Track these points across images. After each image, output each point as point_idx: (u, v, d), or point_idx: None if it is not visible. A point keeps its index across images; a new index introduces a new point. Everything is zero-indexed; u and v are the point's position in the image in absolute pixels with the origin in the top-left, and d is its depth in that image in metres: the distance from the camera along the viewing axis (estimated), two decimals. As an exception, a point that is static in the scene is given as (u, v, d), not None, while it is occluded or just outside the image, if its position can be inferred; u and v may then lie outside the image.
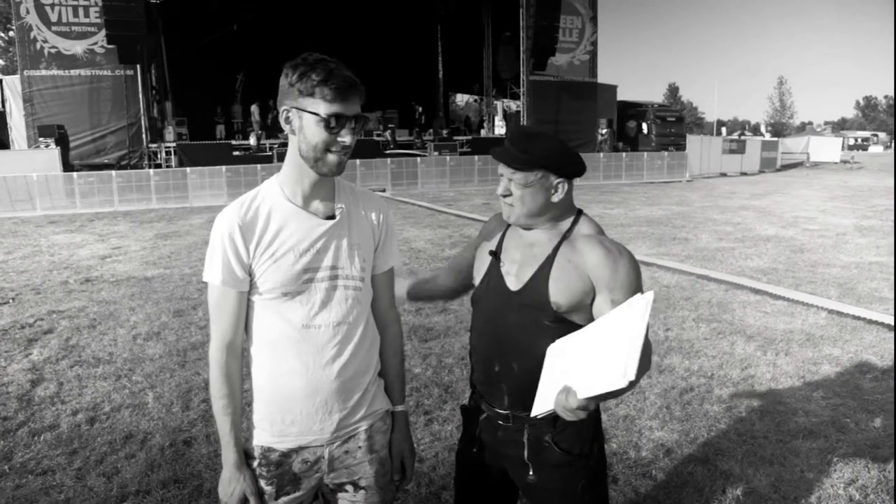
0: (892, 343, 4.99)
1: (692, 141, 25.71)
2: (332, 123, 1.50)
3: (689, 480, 3.14)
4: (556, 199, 1.73)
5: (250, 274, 1.59)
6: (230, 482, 1.63)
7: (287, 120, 1.54)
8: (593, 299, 1.70)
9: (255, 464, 1.65)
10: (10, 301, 6.68)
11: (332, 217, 1.64)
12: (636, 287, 1.68)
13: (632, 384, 1.25)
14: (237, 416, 1.63)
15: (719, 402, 4.03)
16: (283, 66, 1.56)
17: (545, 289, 1.70)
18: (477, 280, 1.88)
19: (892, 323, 5.53)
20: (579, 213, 1.80)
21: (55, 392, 4.26)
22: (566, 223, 1.77)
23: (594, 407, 1.41)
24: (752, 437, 3.58)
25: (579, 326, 1.67)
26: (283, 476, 1.66)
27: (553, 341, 1.59)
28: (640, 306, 1.31)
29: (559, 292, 1.69)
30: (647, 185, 21.11)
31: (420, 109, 24.76)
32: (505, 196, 1.74)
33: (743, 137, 31.62)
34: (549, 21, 21.71)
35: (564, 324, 1.69)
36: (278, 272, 1.57)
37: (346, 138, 1.53)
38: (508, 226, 1.86)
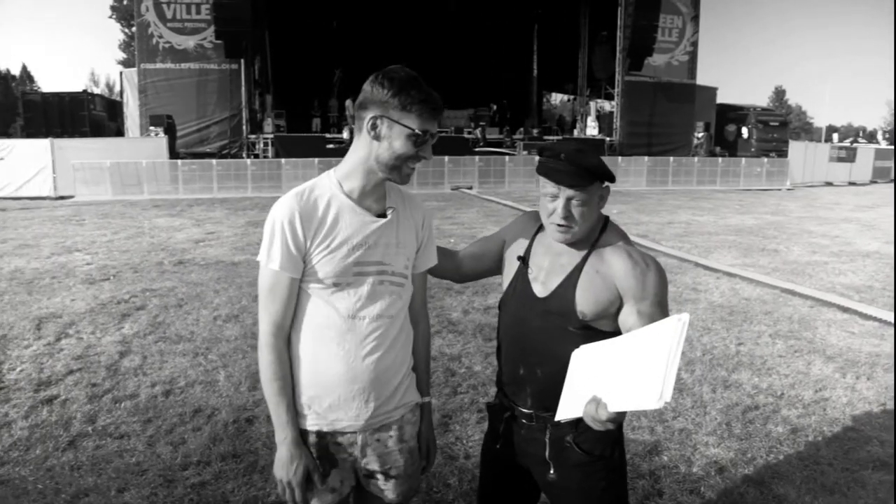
0: None
1: (795, 147, 24.34)
2: (420, 139, 1.60)
3: (738, 501, 3.04)
4: (602, 206, 1.76)
5: (304, 262, 1.67)
6: (291, 460, 1.68)
7: (374, 126, 1.61)
8: (619, 308, 1.71)
9: None
10: (111, 278, 7.23)
11: (383, 216, 1.73)
12: (662, 298, 1.69)
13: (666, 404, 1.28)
14: (290, 397, 1.70)
15: (785, 423, 3.86)
16: (379, 64, 1.66)
17: (572, 298, 1.72)
18: (505, 284, 1.92)
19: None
20: (606, 220, 1.81)
21: (139, 364, 4.60)
22: (594, 231, 1.78)
23: (622, 420, 1.43)
24: (816, 462, 3.41)
25: (604, 333, 1.70)
26: (323, 458, 1.75)
27: (576, 347, 1.62)
28: (676, 328, 1.31)
29: (585, 302, 1.71)
30: (743, 192, 20.20)
31: (494, 108, 24.65)
32: (566, 218, 1.70)
33: (855, 145, 29.62)
34: (647, 20, 21.12)
35: (589, 331, 1.71)
36: (332, 263, 1.66)
37: (427, 153, 1.64)
38: (538, 230, 1.89)
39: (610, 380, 1.43)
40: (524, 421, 1.85)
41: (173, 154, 17.91)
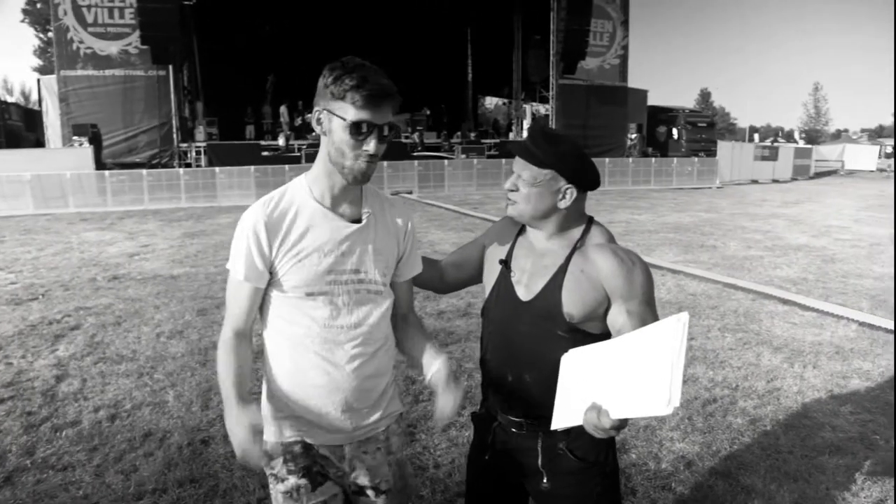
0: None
1: (723, 147, 25.33)
2: (357, 130, 1.49)
3: (709, 495, 3.08)
4: (562, 205, 1.70)
5: (272, 272, 1.60)
6: (237, 421, 1.50)
7: (318, 121, 1.55)
8: (607, 309, 1.67)
9: (281, 460, 1.66)
10: (40, 297, 6.81)
11: (358, 221, 1.65)
12: (650, 297, 1.66)
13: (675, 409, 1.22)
14: (244, 378, 1.58)
15: (743, 414, 3.94)
16: (312, 68, 1.58)
17: (558, 299, 1.67)
18: (487, 289, 1.86)
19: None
20: (590, 221, 1.77)
21: (79, 388, 4.32)
22: (577, 231, 1.74)
23: (625, 426, 1.38)
24: (777, 451, 3.49)
25: (593, 335, 1.65)
26: (310, 468, 1.67)
27: (566, 351, 1.57)
28: (676, 329, 1.26)
29: (572, 302, 1.66)
30: (676, 191, 20.84)
31: (428, 112, 24.65)
32: (511, 191, 1.72)
33: (776, 144, 31.06)
34: (579, 25, 21.52)
35: (578, 333, 1.67)
36: (302, 271, 1.58)
37: (370, 146, 1.52)
38: (519, 233, 1.84)
39: (609, 385, 1.37)
40: (514, 430, 1.79)
41: (100, 165, 17.09)
